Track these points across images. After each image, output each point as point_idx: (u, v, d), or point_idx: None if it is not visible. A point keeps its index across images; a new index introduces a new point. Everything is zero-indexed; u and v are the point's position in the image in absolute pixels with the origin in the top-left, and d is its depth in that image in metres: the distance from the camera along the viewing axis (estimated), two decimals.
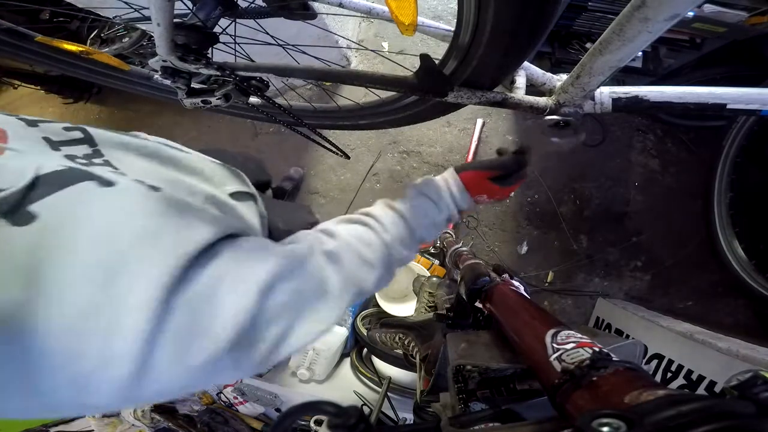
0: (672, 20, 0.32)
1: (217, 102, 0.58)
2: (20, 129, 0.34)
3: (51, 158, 0.33)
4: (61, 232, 0.26)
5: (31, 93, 2.43)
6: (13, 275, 0.24)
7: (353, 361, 1.29)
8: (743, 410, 0.16)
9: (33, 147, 0.33)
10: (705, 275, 1.35)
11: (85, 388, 0.26)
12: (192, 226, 0.32)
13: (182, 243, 0.30)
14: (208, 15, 0.52)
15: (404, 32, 0.43)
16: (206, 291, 0.30)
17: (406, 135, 1.65)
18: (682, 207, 1.40)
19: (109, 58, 0.76)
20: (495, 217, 1.54)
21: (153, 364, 0.27)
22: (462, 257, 0.76)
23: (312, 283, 0.38)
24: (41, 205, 0.26)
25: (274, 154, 1.79)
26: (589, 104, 0.50)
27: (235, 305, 0.31)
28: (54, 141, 0.35)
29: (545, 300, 1.46)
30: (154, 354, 0.27)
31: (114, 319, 0.26)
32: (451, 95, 0.50)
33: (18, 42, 0.72)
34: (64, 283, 0.25)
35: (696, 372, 0.89)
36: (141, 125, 2.07)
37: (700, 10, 0.85)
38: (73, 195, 0.28)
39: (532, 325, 0.33)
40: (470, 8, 0.40)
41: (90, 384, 0.26)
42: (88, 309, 0.25)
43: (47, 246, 0.25)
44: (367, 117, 0.82)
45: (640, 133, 1.49)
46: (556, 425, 0.23)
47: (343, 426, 0.25)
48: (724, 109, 0.47)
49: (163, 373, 0.28)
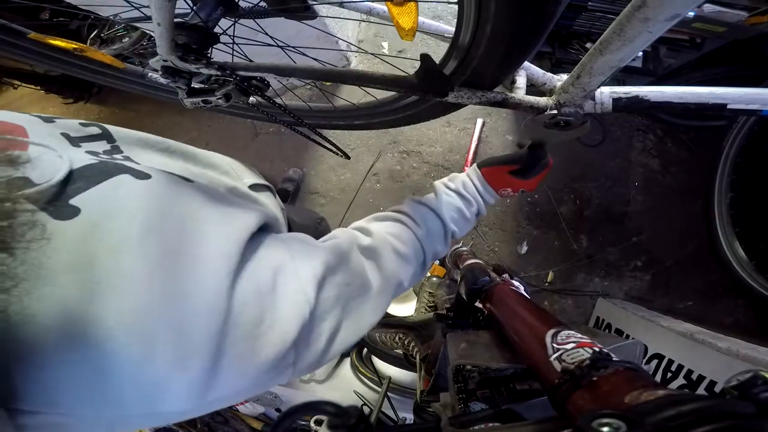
0: (673, 20, 0.32)
1: (218, 102, 0.58)
2: (37, 125, 0.33)
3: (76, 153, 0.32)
4: (109, 225, 0.24)
5: (31, 93, 2.43)
6: (66, 271, 0.22)
7: (353, 361, 1.29)
8: (743, 410, 0.16)
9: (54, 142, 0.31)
10: (705, 275, 1.35)
11: (157, 393, 0.23)
12: (235, 215, 0.31)
13: (234, 230, 0.29)
14: (209, 15, 0.52)
15: (404, 37, 0.43)
16: (266, 282, 0.29)
17: (406, 135, 1.65)
18: (682, 207, 1.40)
19: (103, 56, 0.76)
20: (495, 217, 1.54)
21: (224, 364, 0.25)
22: (462, 257, 0.76)
23: (356, 277, 0.38)
24: (82, 198, 0.25)
25: (274, 154, 1.79)
26: (589, 104, 0.50)
27: (297, 297, 0.30)
28: (73, 137, 0.34)
29: (545, 300, 1.46)
30: (225, 351, 0.25)
31: (181, 316, 0.24)
32: (452, 95, 0.50)
33: (11, 39, 0.72)
34: (123, 281, 0.23)
35: (696, 372, 0.89)
36: (141, 125, 2.07)
37: (700, 10, 0.85)
38: (114, 188, 0.26)
39: (532, 325, 0.33)
40: (470, 8, 0.40)
41: (162, 388, 0.23)
42: (152, 307, 0.23)
43: (96, 241, 0.23)
44: (363, 117, 0.82)
45: (640, 133, 1.49)
46: (556, 425, 0.23)
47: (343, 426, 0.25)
48: (725, 109, 0.46)
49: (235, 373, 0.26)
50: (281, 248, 0.32)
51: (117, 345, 0.22)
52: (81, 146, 0.34)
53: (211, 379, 0.25)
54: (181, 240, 0.26)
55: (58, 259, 0.22)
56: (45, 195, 0.23)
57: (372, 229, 0.45)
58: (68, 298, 0.21)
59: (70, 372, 0.22)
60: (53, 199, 0.24)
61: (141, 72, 0.87)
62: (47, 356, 0.21)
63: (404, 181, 1.64)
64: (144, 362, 0.23)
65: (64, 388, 0.22)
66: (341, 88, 1.67)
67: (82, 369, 0.22)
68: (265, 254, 0.31)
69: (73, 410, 0.22)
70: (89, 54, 0.74)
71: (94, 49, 0.75)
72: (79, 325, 0.21)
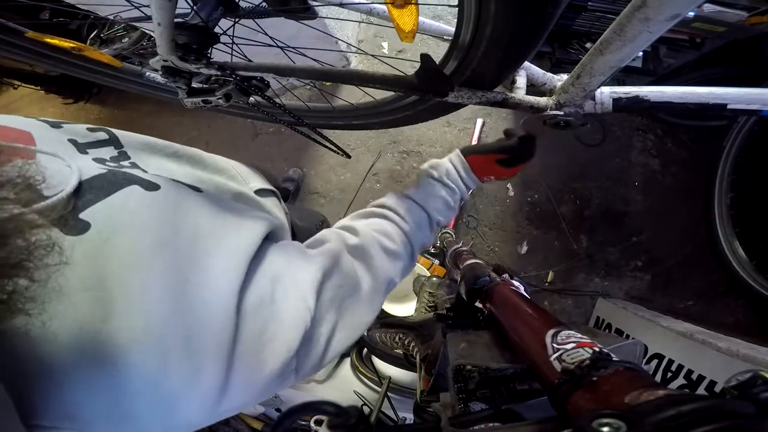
0: (673, 20, 0.32)
1: (218, 102, 0.58)
2: (45, 131, 0.33)
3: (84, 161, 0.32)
4: (119, 241, 0.24)
5: (31, 93, 2.43)
6: (82, 292, 0.22)
7: (353, 361, 1.29)
8: (743, 410, 0.16)
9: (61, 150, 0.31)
10: (705, 275, 1.35)
11: (172, 407, 0.24)
12: (243, 226, 0.32)
13: (242, 244, 0.30)
14: (209, 15, 0.52)
15: (404, 39, 0.43)
16: (267, 293, 0.29)
17: (406, 135, 1.65)
18: (682, 207, 1.40)
19: (101, 55, 0.76)
20: (495, 217, 1.54)
21: (234, 375, 0.26)
22: (462, 257, 0.76)
23: (348, 278, 0.38)
24: (92, 212, 0.25)
25: (274, 154, 1.79)
26: (589, 104, 0.50)
27: (297, 306, 0.31)
28: (80, 143, 0.34)
29: (545, 300, 1.46)
30: (235, 363, 0.26)
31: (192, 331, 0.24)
32: (452, 95, 0.50)
33: (9, 38, 0.72)
34: (134, 298, 0.23)
35: (696, 372, 0.89)
36: (141, 125, 2.07)
37: (700, 10, 0.85)
38: (122, 202, 0.26)
39: (532, 325, 0.33)
40: (470, 9, 0.40)
41: (176, 403, 0.24)
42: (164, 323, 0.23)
43: (107, 258, 0.23)
44: (362, 117, 0.82)
45: (640, 133, 1.49)
46: (556, 425, 0.23)
47: (343, 426, 0.25)
48: (725, 109, 0.46)
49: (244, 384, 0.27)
50: (280, 258, 0.33)
51: (131, 362, 0.22)
52: (88, 153, 0.34)
53: (223, 391, 0.25)
54: (191, 255, 0.26)
55: (72, 278, 0.22)
56: (56, 209, 0.23)
57: (358, 227, 0.45)
58: (83, 317, 0.22)
59: (88, 389, 0.22)
60: (63, 213, 0.24)
61: (139, 71, 0.87)
62: (65, 374, 0.21)
63: (404, 181, 1.64)
64: (158, 378, 0.23)
65: (81, 405, 0.22)
66: (341, 88, 1.67)
67: (98, 386, 0.22)
68: (268, 265, 0.31)
69: (91, 426, 0.23)
70: (87, 53, 0.74)
71: (92, 49, 0.75)
72: (94, 343, 0.22)
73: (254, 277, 0.29)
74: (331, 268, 0.36)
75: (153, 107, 2.12)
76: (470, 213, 1.54)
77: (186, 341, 0.24)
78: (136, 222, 0.25)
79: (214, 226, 0.29)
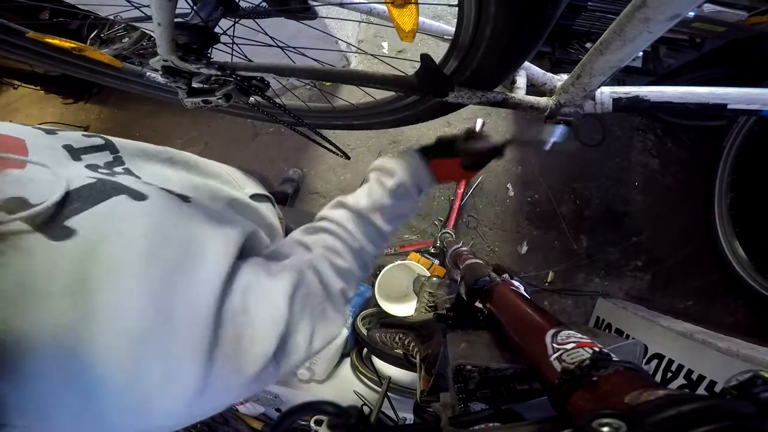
0: (673, 20, 0.32)
1: (218, 102, 0.58)
2: (39, 138, 0.33)
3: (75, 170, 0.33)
4: (104, 248, 0.25)
5: (31, 93, 2.43)
6: (62, 295, 0.23)
7: (353, 361, 1.29)
8: (743, 410, 0.16)
9: (54, 158, 0.32)
10: (705, 275, 1.35)
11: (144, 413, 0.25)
12: (226, 236, 0.33)
13: (222, 255, 0.31)
14: (210, 15, 0.52)
15: (404, 39, 0.43)
16: (240, 304, 0.30)
17: (406, 135, 1.65)
18: (683, 207, 1.40)
19: (101, 55, 0.76)
20: (495, 217, 1.54)
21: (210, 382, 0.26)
22: (462, 257, 0.76)
23: (314, 288, 0.40)
24: (78, 220, 0.25)
25: (274, 154, 1.79)
26: (589, 104, 0.50)
27: (272, 313, 0.32)
28: (75, 149, 0.35)
29: (545, 300, 1.46)
30: (211, 370, 0.26)
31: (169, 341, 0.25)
32: (452, 95, 0.50)
33: (9, 38, 0.72)
34: (115, 304, 0.24)
35: (696, 372, 0.89)
36: (141, 125, 2.07)
37: (700, 10, 0.85)
38: (109, 210, 0.27)
39: (532, 325, 0.33)
40: (470, 10, 0.40)
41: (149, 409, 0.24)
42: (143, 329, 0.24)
43: (91, 263, 0.24)
44: (362, 117, 0.82)
45: (640, 133, 1.49)
46: (556, 425, 0.23)
47: (343, 426, 0.25)
48: (725, 109, 0.47)
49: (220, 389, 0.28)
50: (253, 270, 0.34)
51: (106, 368, 0.23)
52: (82, 159, 0.35)
53: (198, 396, 0.26)
54: (175, 264, 0.27)
55: (52, 281, 0.23)
56: (40, 216, 0.24)
57: (309, 244, 0.44)
58: (60, 320, 0.22)
59: (61, 391, 0.22)
60: (49, 221, 0.25)
61: (139, 71, 0.87)
62: (38, 375, 0.22)
63: None
64: (131, 385, 0.24)
65: (53, 406, 0.22)
66: (341, 88, 1.67)
67: (71, 389, 0.23)
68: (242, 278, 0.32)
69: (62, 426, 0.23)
70: (87, 53, 0.74)
71: (92, 49, 0.75)
72: (71, 344, 0.22)
73: (231, 287, 0.30)
74: (299, 280, 0.38)
75: (153, 107, 2.12)
76: (470, 213, 1.54)
77: (165, 346, 0.25)
78: (122, 230, 0.26)
79: (195, 237, 0.30)
